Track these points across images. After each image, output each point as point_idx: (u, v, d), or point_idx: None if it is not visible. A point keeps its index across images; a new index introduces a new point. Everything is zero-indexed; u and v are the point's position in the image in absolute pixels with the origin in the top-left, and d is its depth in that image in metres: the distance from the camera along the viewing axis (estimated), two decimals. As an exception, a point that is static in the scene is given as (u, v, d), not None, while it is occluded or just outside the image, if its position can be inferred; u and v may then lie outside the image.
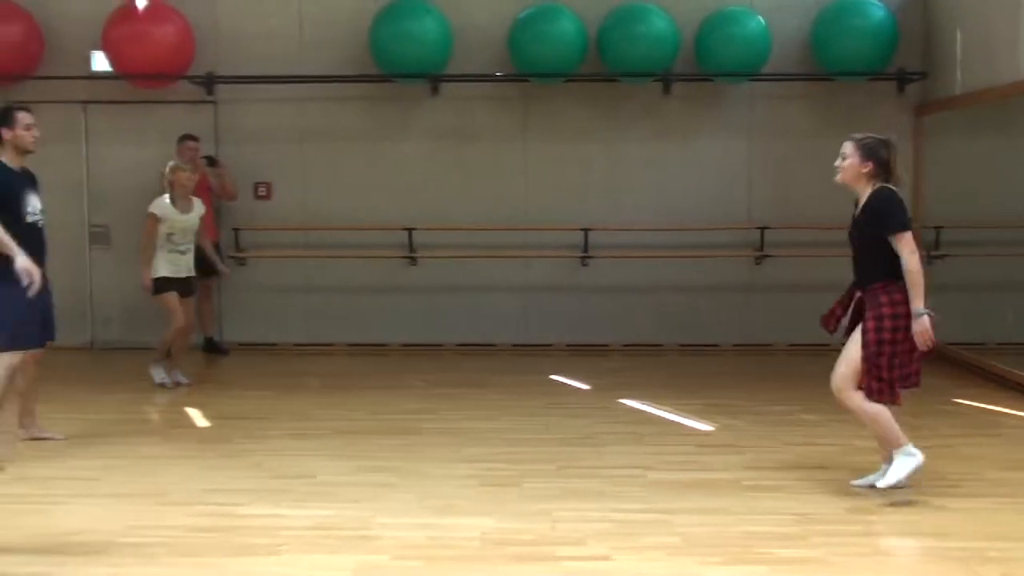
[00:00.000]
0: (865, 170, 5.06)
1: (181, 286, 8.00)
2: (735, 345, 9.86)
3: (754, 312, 9.83)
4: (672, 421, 7.00)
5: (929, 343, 4.86)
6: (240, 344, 10.00)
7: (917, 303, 4.85)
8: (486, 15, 9.74)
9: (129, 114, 9.97)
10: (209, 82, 9.79)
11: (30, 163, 6.00)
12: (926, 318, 4.83)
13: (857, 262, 5.20)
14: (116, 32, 9.47)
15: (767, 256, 9.69)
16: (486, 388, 8.18)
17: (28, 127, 5.84)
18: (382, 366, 9.28)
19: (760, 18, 9.47)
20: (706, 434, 6.64)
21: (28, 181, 5.94)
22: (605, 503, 5.10)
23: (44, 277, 5.91)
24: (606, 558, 4.36)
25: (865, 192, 5.10)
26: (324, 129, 9.99)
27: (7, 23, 9.58)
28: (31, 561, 4.32)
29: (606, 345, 9.99)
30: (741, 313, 9.88)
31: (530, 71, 9.58)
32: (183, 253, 7.98)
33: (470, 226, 9.87)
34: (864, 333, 4.96)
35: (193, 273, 8.16)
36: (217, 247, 9.68)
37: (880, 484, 5.06)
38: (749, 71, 9.52)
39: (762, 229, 9.61)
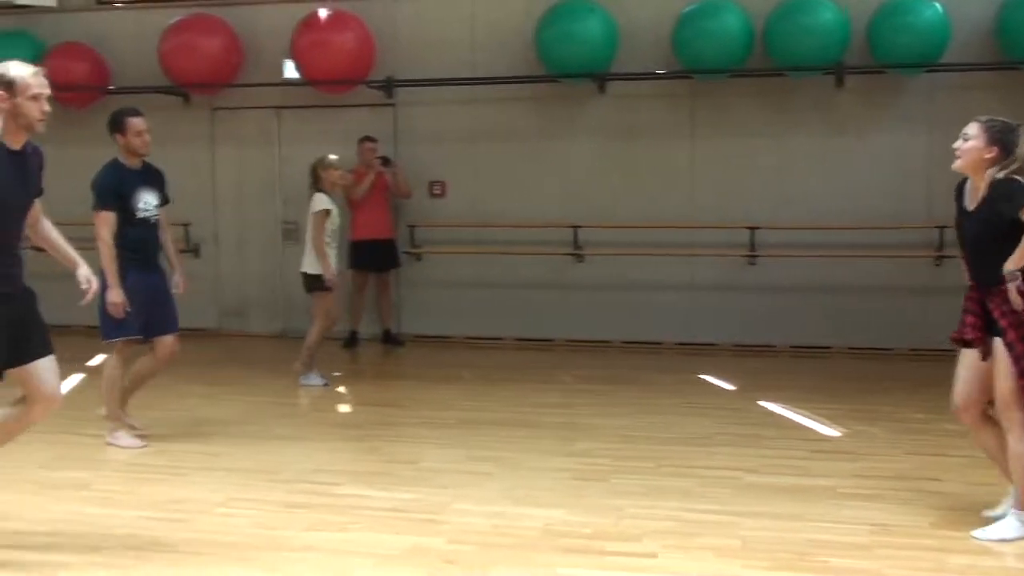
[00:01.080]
0: (989, 155, 4.51)
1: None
2: (911, 350, 9.39)
3: (933, 315, 9.30)
4: (801, 425, 6.81)
5: None
6: (415, 336, 10.45)
7: None
8: (651, 12, 9.74)
9: (317, 118, 10.64)
10: (389, 86, 10.29)
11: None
12: None
13: (974, 261, 4.74)
14: (303, 41, 10.12)
15: (947, 257, 9.17)
16: (631, 385, 8.21)
17: (138, 133, 6.14)
18: (542, 361, 9.46)
19: (938, 5, 8.97)
20: (829, 439, 6.43)
21: (144, 179, 6.24)
22: (681, 502, 5.09)
23: (160, 272, 6.42)
24: (652, 555, 4.37)
25: (982, 181, 4.64)
26: (495, 129, 10.29)
27: (211, 36, 10.44)
28: (127, 523, 4.81)
29: (772, 346, 9.76)
30: (918, 316, 9.38)
31: (695, 67, 9.50)
32: (334, 249, 8.28)
33: (635, 224, 9.90)
34: (1009, 344, 4.41)
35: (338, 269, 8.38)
36: (393, 242, 10.24)
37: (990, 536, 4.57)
38: (927, 61, 9.04)
39: (941, 228, 9.11)
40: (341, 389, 8.08)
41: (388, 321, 10.39)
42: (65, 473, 5.70)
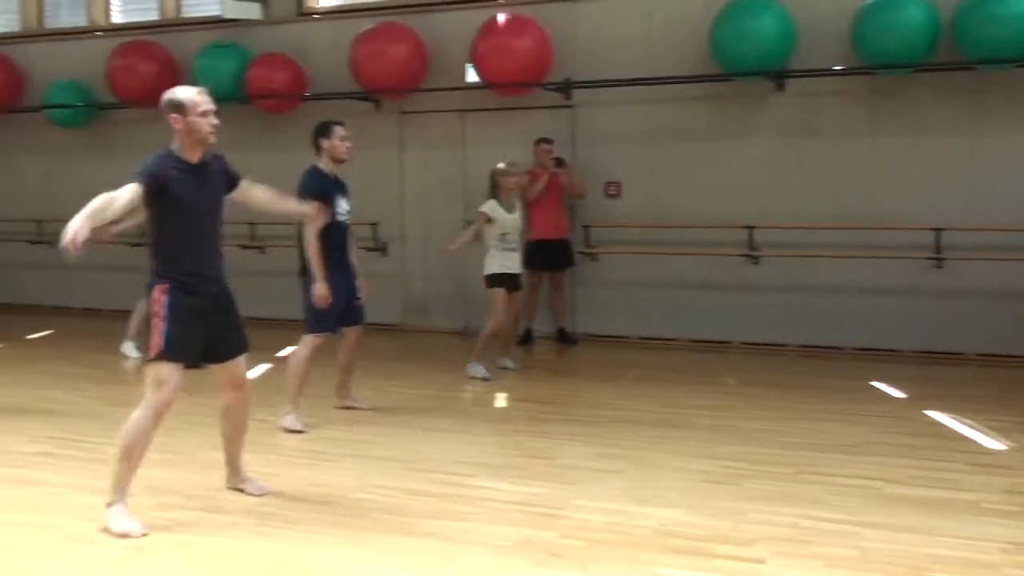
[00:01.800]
0: None
1: (510, 282, 8.51)
2: (1115, 361, 8.73)
3: None
4: (964, 436, 6.47)
5: None
6: (589, 336, 10.55)
7: None
8: (830, 6, 9.45)
9: (498, 120, 10.91)
10: (566, 88, 10.43)
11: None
12: None
13: None
14: (484, 45, 10.40)
15: None
16: (794, 390, 8.00)
17: (342, 139, 6.78)
18: (710, 363, 9.35)
19: None
20: (989, 452, 6.08)
21: (339, 187, 6.89)
22: (808, 510, 4.97)
23: (350, 270, 6.89)
24: (760, 561, 4.32)
25: None
26: (670, 129, 10.24)
27: (399, 43, 10.88)
28: (266, 503, 5.15)
29: (960, 354, 9.25)
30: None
31: (877, 62, 9.15)
32: (512, 251, 8.51)
33: (813, 224, 9.63)
34: None
35: (520, 270, 8.70)
36: (568, 243, 10.37)
37: None
38: None
39: None
40: (503, 386, 8.26)
41: (563, 320, 10.53)
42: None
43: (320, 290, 6.59)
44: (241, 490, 5.30)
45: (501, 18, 10.33)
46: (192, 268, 4.77)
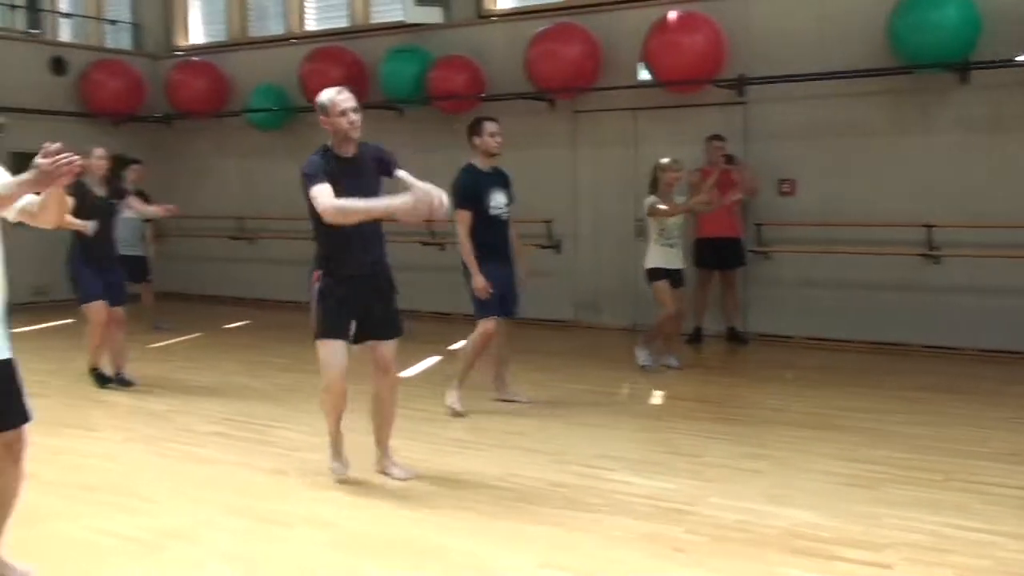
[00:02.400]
0: None
1: (673, 277, 8.54)
2: None
3: None
4: None
5: None
6: (761, 335, 10.40)
7: None
8: (1018, -6, 8.99)
9: (669, 118, 10.89)
10: (739, 84, 10.32)
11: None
12: None
13: None
14: (655, 43, 10.41)
15: None
16: (961, 395, 7.66)
17: (492, 134, 6.95)
18: (879, 365, 9.03)
19: None
20: None
21: (495, 180, 7.05)
22: (948, 517, 4.80)
23: (508, 260, 7.10)
24: (887, 567, 4.22)
25: None
26: (846, 124, 9.96)
27: (573, 43, 11.03)
28: (407, 487, 5.40)
29: None
30: None
31: (1071, 51, 8.65)
32: (674, 246, 8.49)
33: (1001, 223, 9.17)
34: None
35: (683, 265, 8.69)
36: (739, 241, 10.25)
37: None
38: None
39: None
40: (662, 383, 8.27)
41: (733, 319, 10.42)
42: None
43: (476, 283, 6.87)
44: (387, 474, 5.57)
45: (673, 15, 10.31)
46: (348, 255, 5.13)
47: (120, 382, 8.10)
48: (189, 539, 4.67)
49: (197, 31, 15.47)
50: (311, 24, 14.17)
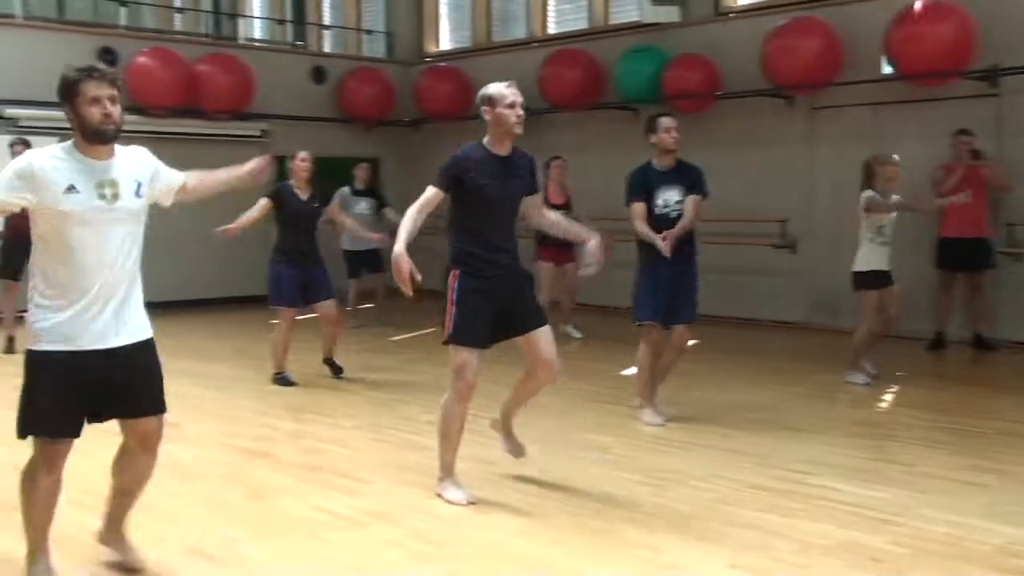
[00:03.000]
0: None
1: (883, 279, 8.00)
2: None
3: None
4: None
5: None
6: (1013, 343, 9.70)
7: None
8: None
9: (913, 113, 10.36)
10: (993, 75, 9.68)
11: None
12: None
13: None
14: (898, 35, 9.94)
15: None
16: None
17: (667, 130, 6.56)
18: None
19: None
20: None
21: (669, 178, 6.61)
22: None
23: (683, 262, 6.70)
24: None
25: None
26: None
27: (811, 37, 10.71)
28: (613, 482, 5.47)
29: None
30: None
31: None
32: (888, 245, 8.01)
33: None
34: None
35: (888, 267, 8.04)
36: (987, 242, 9.61)
37: None
38: None
39: None
40: (887, 390, 7.90)
41: (981, 325, 9.79)
42: (595, 436, 6.52)
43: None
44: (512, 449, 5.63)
45: (918, 5, 9.81)
46: (484, 253, 5.02)
47: (283, 380, 8.30)
48: (392, 519, 4.91)
49: (445, 38, 16.10)
50: (552, 27, 14.43)
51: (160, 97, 12.83)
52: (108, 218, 3.70)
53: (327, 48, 17.11)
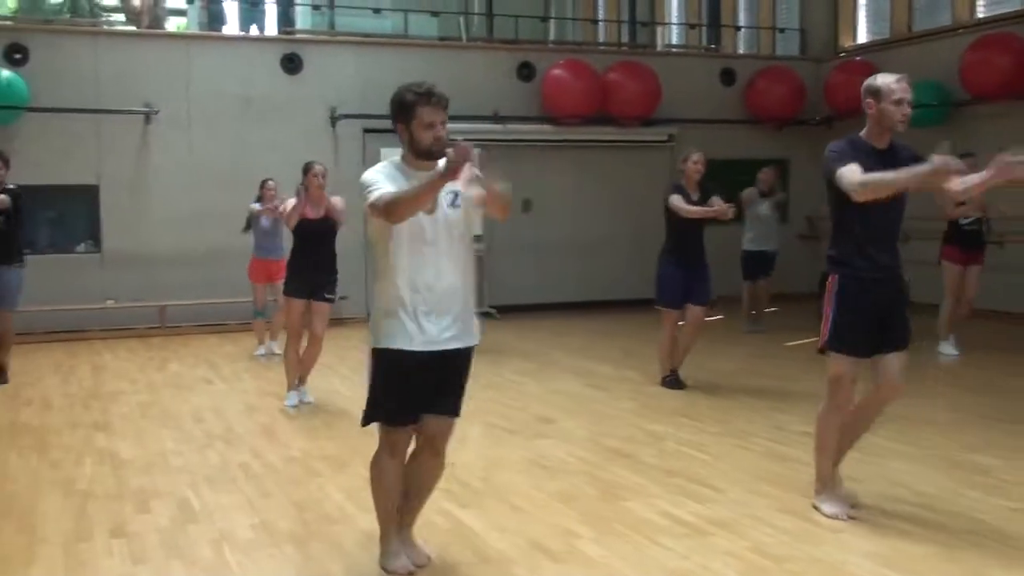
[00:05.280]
0: None
1: None
2: None
3: None
4: None
5: None
6: None
7: None
8: None
9: None
10: None
11: None
12: None
13: None
14: None
15: None
16: None
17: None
18: None
19: None
20: None
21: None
22: None
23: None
24: None
25: None
26: None
27: None
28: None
29: None
30: None
31: None
32: None
33: None
34: None
35: None
36: None
37: None
38: None
39: None
40: None
41: None
42: (979, 457, 5.99)
43: None
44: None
45: None
46: (866, 260, 4.71)
47: (672, 383, 8.24)
48: (735, 530, 4.81)
49: (862, 31, 15.37)
50: (981, 11, 13.27)
51: (572, 107, 13.42)
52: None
53: (740, 50, 16.98)
